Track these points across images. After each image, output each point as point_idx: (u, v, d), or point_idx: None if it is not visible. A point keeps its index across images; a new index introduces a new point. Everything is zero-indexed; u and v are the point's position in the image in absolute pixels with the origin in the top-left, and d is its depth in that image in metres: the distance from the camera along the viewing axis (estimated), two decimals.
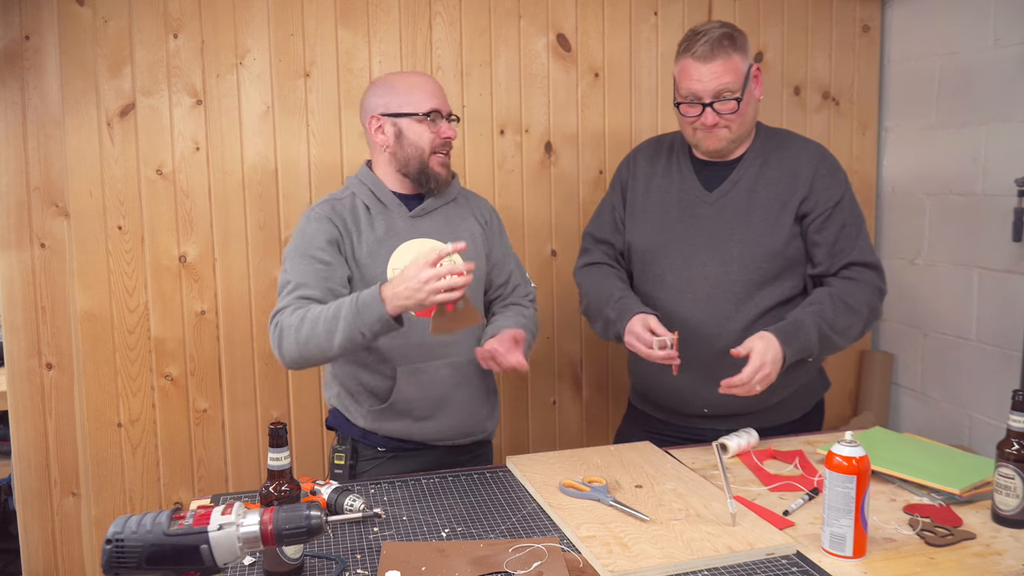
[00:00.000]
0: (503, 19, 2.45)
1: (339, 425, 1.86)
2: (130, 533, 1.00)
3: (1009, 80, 2.34)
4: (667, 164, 1.98)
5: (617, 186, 2.06)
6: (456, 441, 1.84)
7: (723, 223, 1.87)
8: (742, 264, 1.84)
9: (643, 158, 2.03)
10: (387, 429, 1.79)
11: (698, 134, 1.86)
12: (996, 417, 2.41)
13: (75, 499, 2.27)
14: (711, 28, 1.82)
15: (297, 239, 1.75)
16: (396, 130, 1.77)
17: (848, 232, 1.85)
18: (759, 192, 1.87)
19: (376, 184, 1.81)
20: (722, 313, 1.85)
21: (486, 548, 1.33)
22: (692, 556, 1.27)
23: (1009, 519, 1.40)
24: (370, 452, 1.82)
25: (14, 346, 2.20)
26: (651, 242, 1.94)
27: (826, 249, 1.85)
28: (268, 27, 2.28)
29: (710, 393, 1.85)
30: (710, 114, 1.81)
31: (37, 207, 2.18)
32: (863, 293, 1.83)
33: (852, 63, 2.78)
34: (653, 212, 1.95)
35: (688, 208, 1.91)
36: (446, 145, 1.79)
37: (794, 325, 1.75)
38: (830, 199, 1.85)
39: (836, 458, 1.28)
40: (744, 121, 1.85)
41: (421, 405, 1.78)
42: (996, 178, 2.38)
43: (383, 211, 1.79)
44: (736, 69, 1.80)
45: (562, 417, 2.65)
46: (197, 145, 2.26)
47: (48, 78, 2.15)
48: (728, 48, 1.79)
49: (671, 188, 1.95)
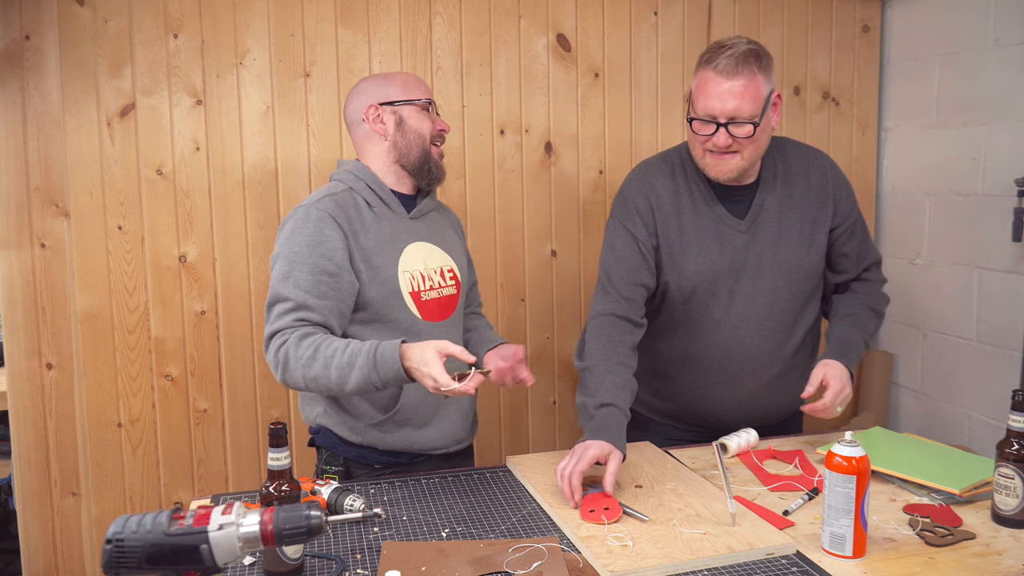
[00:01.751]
0: (503, 19, 2.45)
1: (330, 444, 1.76)
2: (130, 533, 1.00)
3: (1009, 80, 2.34)
4: (689, 193, 1.82)
5: (637, 218, 1.82)
6: (449, 449, 1.80)
7: (760, 251, 1.80)
8: (788, 290, 1.82)
9: (662, 188, 1.83)
10: (387, 442, 1.73)
11: (707, 158, 1.73)
12: (996, 417, 2.41)
13: (75, 499, 2.27)
14: (737, 42, 1.69)
15: (298, 239, 1.61)
16: (397, 118, 1.73)
17: (865, 236, 1.90)
18: (788, 214, 1.81)
19: (374, 180, 1.75)
20: (774, 342, 1.83)
21: (486, 548, 1.33)
22: (692, 556, 1.27)
23: (1009, 519, 1.40)
24: (364, 471, 1.76)
25: (14, 346, 2.20)
26: (698, 283, 1.81)
27: (854, 259, 1.88)
28: (268, 27, 2.28)
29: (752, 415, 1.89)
30: (723, 135, 1.67)
31: (37, 207, 2.18)
32: (881, 295, 1.90)
33: (852, 63, 2.78)
34: (691, 248, 1.80)
35: (725, 240, 1.80)
36: (441, 137, 1.78)
37: (847, 345, 1.78)
38: (852, 209, 1.87)
39: (836, 458, 1.28)
40: (757, 148, 1.72)
41: (423, 410, 1.74)
42: (996, 178, 2.38)
43: (385, 210, 1.74)
44: (757, 90, 1.66)
45: (562, 417, 2.65)
46: (197, 145, 2.26)
47: (48, 78, 2.15)
48: (753, 66, 1.66)
49: (702, 220, 1.81)
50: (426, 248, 1.77)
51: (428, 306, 1.74)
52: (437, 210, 1.87)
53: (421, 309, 1.72)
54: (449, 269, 1.80)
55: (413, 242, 1.75)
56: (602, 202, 2.59)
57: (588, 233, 2.59)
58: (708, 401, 1.89)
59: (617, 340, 1.73)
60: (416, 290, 1.72)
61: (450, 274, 1.80)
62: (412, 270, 1.72)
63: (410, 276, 1.72)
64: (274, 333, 1.58)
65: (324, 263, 1.60)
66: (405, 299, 1.70)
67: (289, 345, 1.55)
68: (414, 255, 1.74)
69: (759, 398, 1.87)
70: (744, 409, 1.88)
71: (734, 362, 1.83)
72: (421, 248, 1.76)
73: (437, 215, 1.86)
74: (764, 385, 1.86)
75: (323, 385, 1.55)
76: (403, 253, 1.72)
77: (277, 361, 1.57)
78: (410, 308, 1.71)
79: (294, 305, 1.58)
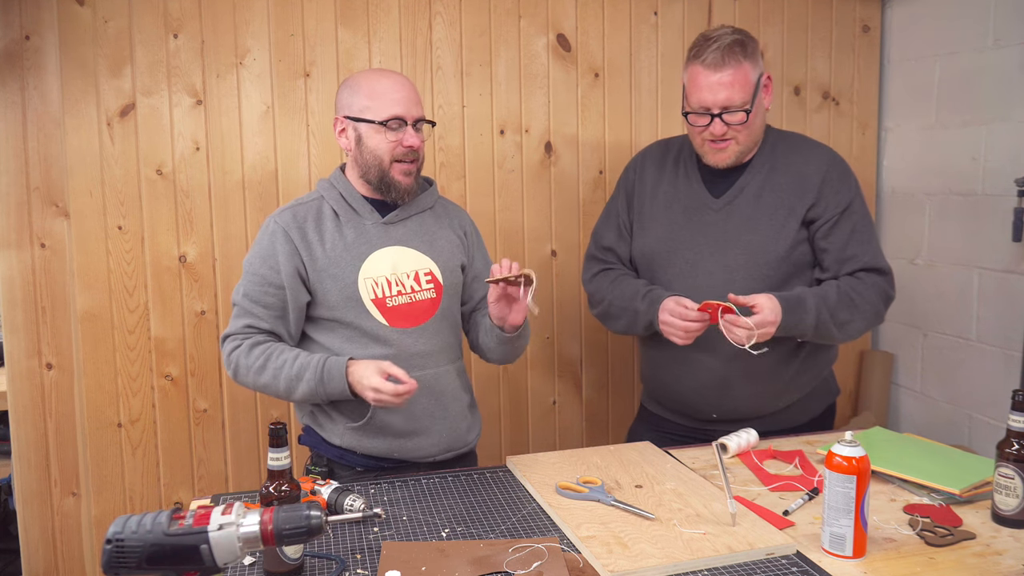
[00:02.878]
0: (503, 19, 2.45)
1: (314, 444, 1.79)
2: (130, 533, 1.00)
3: (1009, 80, 2.34)
4: (674, 170, 1.96)
5: (622, 191, 2.03)
6: (437, 457, 1.78)
7: (729, 230, 1.85)
8: (747, 272, 1.83)
9: (650, 163, 2.01)
10: (367, 447, 1.73)
11: (706, 146, 1.84)
12: (996, 417, 2.41)
13: (75, 499, 2.27)
14: (722, 34, 1.78)
15: (255, 250, 1.73)
16: (356, 135, 1.72)
17: (858, 238, 1.84)
18: (765, 198, 1.85)
19: (347, 188, 1.76)
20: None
21: (486, 548, 1.33)
22: (692, 556, 1.27)
23: (1009, 519, 1.40)
24: (348, 473, 1.76)
25: (14, 346, 2.20)
26: (656, 250, 1.92)
27: (834, 255, 1.84)
28: (268, 27, 2.28)
29: (720, 399, 1.87)
30: (718, 124, 1.78)
31: (37, 207, 2.18)
32: (870, 294, 1.83)
33: (852, 63, 2.78)
34: (659, 219, 1.94)
35: (695, 215, 1.89)
36: (410, 154, 1.70)
37: (797, 300, 1.75)
38: (839, 205, 1.84)
39: (836, 458, 1.28)
40: (752, 132, 1.83)
41: (401, 422, 1.72)
42: (996, 178, 2.38)
43: (353, 217, 1.74)
44: (746, 78, 1.77)
45: (562, 417, 2.65)
46: (197, 145, 2.26)
47: (48, 78, 2.15)
48: (739, 55, 1.76)
49: (678, 194, 1.93)
50: (397, 252, 1.74)
51: (395, 312, 1.72)
52: (432, 211, 1.83)
53: (387, 315, 1.72)
54: (427, 272, 1.76)
55: (383, 247, 1.74)
56: (602, 202, 2.59)
57: (588, 233, 2.57)
58: (679, 381, 1.92)
59: (622, 274, 1.98)
60: (380, 296, 1.71)
61: (427, 278, 1.76)
62: (376, 276, 1.71)
63: (372, 282, 1.71)
64: (227, 336, 1.73)
65: (271, 275, 1.71)
66: (367, 306, 1.71)
67: (240, 352, 1.69)
68: (381, 261, 1.73)
69: (726, 380, 1.86)
70: (713, 393, 1.88)
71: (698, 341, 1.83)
72: (391, 253, 1.74)
73: (429, 217, 1.82)
74: (725, 365, 1.85)
75: (272, 392, 1.69)
76: (367, 260, 1.72)
77: (229, 363, 1.72)
78: (373, 315, 1.71)
79: (242, 311, 1.72)
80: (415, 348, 1.73)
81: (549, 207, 2.56)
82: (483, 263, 1.91)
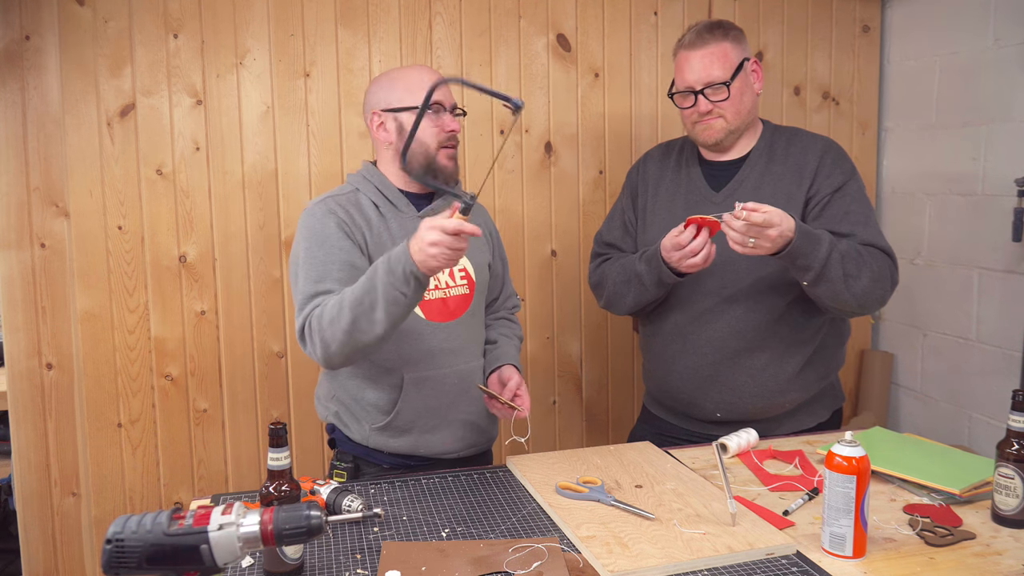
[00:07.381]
0: (503, 19, 2.45)
1: (340, 442, 1.81)
2: (130, 533, 1.00)
3: (1009, 80, 2.34)
4: (676, 166, 1.99)
5: (627, 191, 2.06)
6: (460, 453, 1.80)
7: None
8: (749, 262, 1.82)
9: (653, 162, 2.04)
10: (392, 446, 1.74)
11: (696, 127, 1.88)
12: (996, 417, 2.41)
13: (75, 499, 2.27)
14: (704, 21, 1.87)
15: (308, 239, 1.65)
16: (398, 125, 1.72)
17: (853, 219, 1.79)
18: (765, 188, 1.86)
19: (383, 182, 1.75)
20: (732, 315, 1.85)
21: (486, 548, 1.33)
22: (692, 556, 1.27)
23: (1009, 519, 1.40)
24: (374, 469, 1.77)
25: (14, 346, 2.20)
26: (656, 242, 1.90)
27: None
28: (268, 27, 2.28)
29: (723, 397, 1.87)
30: (703, 102, 1.82)
31: (37, 207, 2.18)
32: (875, 259, 1.76)
33: (852, 63, 2.78)
34: (661, 214, 1.95)
35: (695, 208, 1.89)
36: (452, 138, 1.72)
37: (813, 233, 1.68)
38: (830, 185, 1.82)
39: (836, 458, 1.28)
40: (740, 111, 1.84)
41: (426, 417, 1.73)
42: (996, 178, 2.39)
43: (393, 211, 1.74)
44: (725, 56, 1.81)
45: (562, 417, 2.65)
46: (197, 145, 2.26)
47: (48, 78, 2.15)
48: (717, 35, 1.82)
49: (679, 189, 1.95)
50: None
51: (432, 306, 1.73)
52: None
53: (424, 309, 1.72)
54: (461, 269, 1.78)
55: None
56: (602, 202, 2.59)
57: (588, 233, 2.58)
58: (674, 374, 1.92)
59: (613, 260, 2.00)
60: None
61: (461, 274, 1.78)
62: None
63: None
64: (302, 324, 1.60)
65: (334, 253, 1.63)
66: None
67: (314, 317, 1.57)
68: None
69: (723, 375, 1.86)
70: (709, 388, 1.88)
71: (691, 329, 1.88)
72: None
73: None
74: (725, 360, 1.85)
75: (360, 327, 1.51)
76: None
77: (313, 339, 1.57)
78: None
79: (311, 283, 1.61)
80: (448, 344, 1.73)
81: (549, 207, 2.56)
82: (500, 263, 1.93)
